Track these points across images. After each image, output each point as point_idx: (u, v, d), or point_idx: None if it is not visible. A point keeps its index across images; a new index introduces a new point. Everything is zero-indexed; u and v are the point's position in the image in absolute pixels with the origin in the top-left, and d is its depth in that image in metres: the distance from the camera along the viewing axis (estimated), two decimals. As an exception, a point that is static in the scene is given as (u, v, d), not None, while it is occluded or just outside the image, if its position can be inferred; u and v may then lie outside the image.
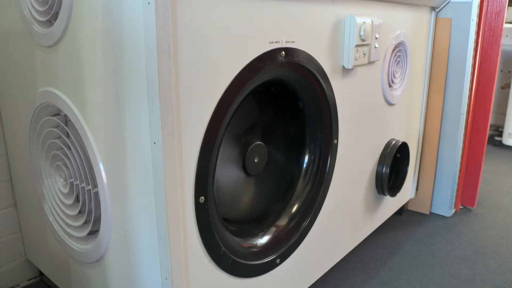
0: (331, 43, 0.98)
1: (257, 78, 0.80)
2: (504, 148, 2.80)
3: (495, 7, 1.61)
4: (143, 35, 0.64)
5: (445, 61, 1.60)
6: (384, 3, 1.16)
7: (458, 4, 1.53)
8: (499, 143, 2.88)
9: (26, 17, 0.91)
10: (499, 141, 2.89)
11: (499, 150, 2.76)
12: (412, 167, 1.66)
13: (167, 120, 0.66)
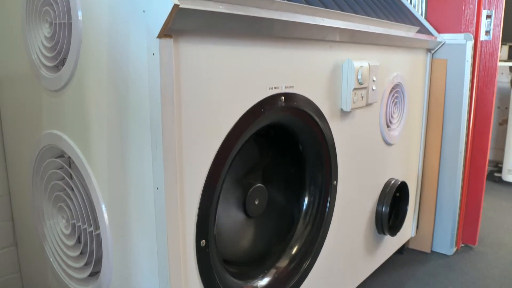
0: (329, 87, 1.01)
1: (257, 123, 0.82)
2: (504, 184, 2.81)
3: (488, 48, 1.65)
4: (147, 84, 0.66)
5: (442, 101, 1.63)
6: (381, 46, 1.19)
7: (453, 46, 1.58)
8: (499, 179, 2.88)
9: (34, 62, 0.94)
10: (498, 177, 2.90)
11: (499, 186, 2.77)
12: (412, 205, 1.66)
13: (170, 167, 0.67)
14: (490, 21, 1.64)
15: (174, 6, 0.59)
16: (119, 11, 0.70)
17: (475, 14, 1.59)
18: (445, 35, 1.58)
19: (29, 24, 0.95)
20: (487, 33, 1.64)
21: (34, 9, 0.93)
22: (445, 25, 1.62)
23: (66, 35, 0.85)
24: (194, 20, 0.65)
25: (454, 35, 1.58)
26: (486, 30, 1.64)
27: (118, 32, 0.71)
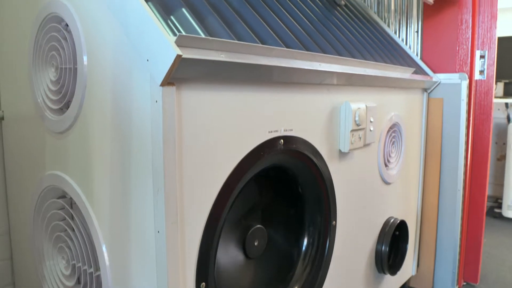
0: (327, 129, 1.03)
1: (257, 166, 0.84)
2: (504, 220, 2.80)
3: (483, 87, 1.69)
4: (150, 129, 0.68)
5: (439, 139, 1.65)
6: (377, 87, 1.22)
7: (448, 86, 1.61)
8: (499, 215, 2.88)
9: (40, 104, 0.96)
10: (499, 213, 2.89)
11: (499, 222, 2.76)
12: (412, 244, 1.66)
13: (171, 211, 0.68)
14: (484, 61, 1.68)
15: (177, 56, 0.62)
16: (124, 59, 0.72)
17: (469, 55, 1.64)
18: (441, 75, 1.62)
19: (36, 67, 0.98)
20: (481, 73, 1.68)
21: (41, 53, 0.96)
22: (440, 65, 1.66)
23: (71, 79, 0.88)
24: (196, 69, 0.67)
25: (449, 75, 1.61)
26: (480, 69, 1.68)
27: (122, 79, 0.73)
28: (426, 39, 1.70)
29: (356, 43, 1.23)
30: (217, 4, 0.87)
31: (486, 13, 1.65)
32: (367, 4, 1.77)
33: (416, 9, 1.71)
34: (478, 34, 1.67)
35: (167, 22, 0.72)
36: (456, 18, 1.64)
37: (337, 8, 1.39)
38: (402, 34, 1.72)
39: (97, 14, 0.78)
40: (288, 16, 1.05)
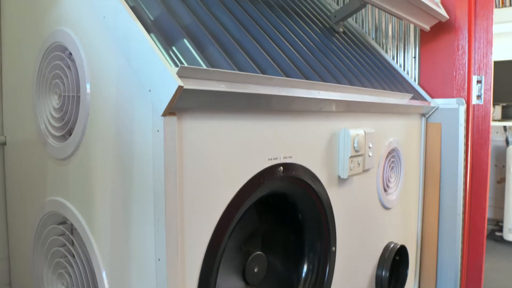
0: (326, 155, 1.04)
1: (257, 193, 0.85)
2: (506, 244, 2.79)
3: (481, 111, 1.70)
4: (151, 158, 0.69)
5: (438, 164, 1.66)
6: (376, 113, 1.24)
7: (446, 111, 1.63)
8: (500, 238, 2.87)
9: (42, 130, 0.98)
10: (500, 237, 2.88)
11: (500, 246, 2.75)
12: (413, 268, 1.65)
13: (172, 239, 0.69)
14: (481, 86, 1.70)
15: (178, 87, 0.63)
16: (126, 88, 0.74)
17: (466, 80, 1.66)
18: (438, 100, 1.64)
19: (39, 94, 0.99)
20: (479, 97, 1.70)
21: (45, 81, 0.98)
22: (437, 90, 1.68)
23: (74, 107, 0.89)
24: (197, 99, 0.69)
25: (447, 100, 1.63)
26: (478, 94, 1.70)
27: (124, 108, 0.75)
28: (423, 64, 1.72)
29: (354, 70, 1.25)
30: (218, 34, 0.89)
31: (482, 39, 1.68)
32: (365, 31, 1.81)
33: (413, 35, 1.74)
34: (474, 59, 1.69)
35: (168, 53, 0.74)
36: (452, 44, 1.67)
37: (335, 35, 1.42)
38: (400, 59, 1.75)
39: (100, 44, 0.80)
40: (288, 44, 1.07)
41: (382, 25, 1.79)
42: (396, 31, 1.77)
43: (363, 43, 1.62)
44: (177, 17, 0.85)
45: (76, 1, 0.87)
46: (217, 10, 0.98)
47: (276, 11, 1.22)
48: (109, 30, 0.77)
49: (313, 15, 1.45)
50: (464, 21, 1.65)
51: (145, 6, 0.82)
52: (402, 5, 1.29)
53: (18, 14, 1.06)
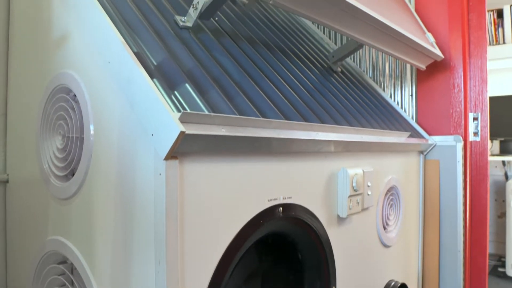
0: (325, 195, 1.05)
1: (257, 234, 0.85)
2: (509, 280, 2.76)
3: (478, 148, 1.72)
4: (153, 200, 0.71)
5: (437, 201, 1.67)
6: (374, 152, 1.26)
7: (444, 148, 1.65)
8: (503, 274, 2.84)
9: (45, 170, 0.99)
10: (503, 273, 2.85)
11: (504, 282, 2.72)
12: (414, 306, 1.63)
13: (172, 281, 0.69)
14: (477, 123, 1.73)
15: (180, 132, 0.65)
16: (129, 131, 0.76)
17: (463, 117, 1.68)
18: (436, 137, 1.66)
19: (43, 134, 1.01)
20: (476, 134, 1.73)
21: (49, 122, 1.00)
22: (435, 127, 1.71)
23: (77, 148, 0.91)
24: (198, 143, 0.71)
25: (444, 137, 1.66)
26: (474, 131, 1.72)
27: (127, 150, 0.76)
28: (420, 102, 1.75)
29: (352, 109, 1.28)
30: (219, 77, 0.92)
31: (477, 77, 1.72)
32: (362, 69, 1.85)
33: (410, 73, 1.78)
34: (470, 97, 1.73)
35: (171, 97, 0.76)
36: (448, 82, 1.70)
37: (333, 74, 1.45)
38: (397, 97, 1.78)
39: (104, 87, 0.82)
40: (287, 86, 1.10)
41: (379, 64, 1.83)
42: (393, 70, 1.81)
43: (361, 82, 1.65)
44: (180, 62, 0.88)
45: (81, 45, 0.90)
46: (218, 53, 1.01)
47: (276, 53, 1.26)
48: (113, 74, 0.80)
49: (312, 55, 1.48)
50: (459, 60, 1.69)
51: (148, 51, 0.85)
52: (398, 46, 1.32)
53: (25, 55, 1.09)
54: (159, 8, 1.04)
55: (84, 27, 0.89)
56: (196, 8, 0.99)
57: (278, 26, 1.53)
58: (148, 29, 0.91)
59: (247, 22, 1.35)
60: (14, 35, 1.15)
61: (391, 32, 1.19)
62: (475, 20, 1.74)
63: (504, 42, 2.99)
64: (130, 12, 0.93)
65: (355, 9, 0.99)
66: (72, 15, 0.93)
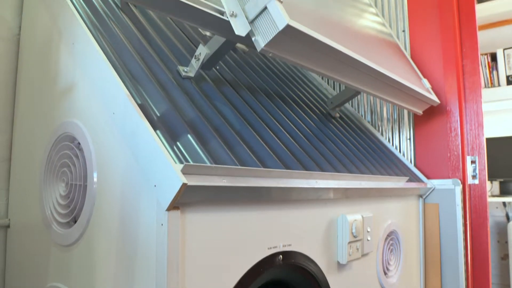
0: (325, 242, 1.06)
1: (256, 283, 0.86)
2: (514, 325, 2.70)
3: (477, 191, 1.73)
4: (155, 250, 0.71)
5: (437, 245, 1.66)
6: (373, 198, 1.27)
7: (443, 191, 1.66)
8: (508, 319, 2.78)
9: (48, 216, 1.00)
10: (507, 317, 2.80)
11: (508, 327, 2.66)
12: None
13: (172, 333, 0.69)
14: (475, 166, 1.74)
15: (182, 184, 0.67)
16: (132, 181, 0.77)
17: (460, 161, 1.70)
18: (435, 181, 1.68)
19: (46, 181, 1.03)
20: (474, 177, 1.74)
21: (53, 169, 1.02)
22: (433, 171, 1.73)
23: (80, 195, 0.93)
24: (200, 194, 0.72)
25: (443, 181, 1.67)
26: (472, 174, 1.74)
27: (130, 199, 0.78)
28: (418, 145, 1.78)
29: (350, 155, 1.30)
30: (220, 127, 0.94)
31: (473, 121, 1.75)
32: (360, 114, 1.88)
33: (407, 117, 1.81)
34: (467, 140, 1.75)
35: (173, 149, 0.79)
36: (445, 126, 1.73)
37: (332, 120, 1.48)
38: (395, 141, 1.81)
39: (109, 137, 0.85)
40: (286, 134, 1.12)
41: (377, 108, 1.87)
42: (390, 114, 1.84)
43: (359, 127, 1.68)
44: (182, 112, 0.91)
45: (87, 96, 0.93)
46: (219, 102, 1.04)
47: (275, 100, 1.29)
48: (118, 125, 0.82)
49: (310, 101, 1.52)
50: (455, 105, 1.72)
51: (152, 103, 0.88)
52: (395, 93, 1.36)
53: (32, 102, 1.13)
54: (162, 58, 1.08)
55: (90, 78, 0.92)
56: (198, 59, 1.03)
57: (277, 73, 1.57)
58: (152, 80, 0.95)
59: (247, 69, 1.39)
60: (21, 82, 1.19)
61: (388, 80, 1.23)
62: (469, 66, 1.79)
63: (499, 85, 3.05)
64: (134, 63, 0.97)
65: (352, 59, 1.03)
66: (79, 65, 0.96)
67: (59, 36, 1.04)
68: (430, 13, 1.81)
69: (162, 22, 1.29)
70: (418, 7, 1.85)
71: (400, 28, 1.87)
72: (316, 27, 0.96)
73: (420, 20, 1.83)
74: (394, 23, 1.89)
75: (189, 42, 1.27)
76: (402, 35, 1.86)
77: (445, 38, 1.77)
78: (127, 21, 1.15)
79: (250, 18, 0.87)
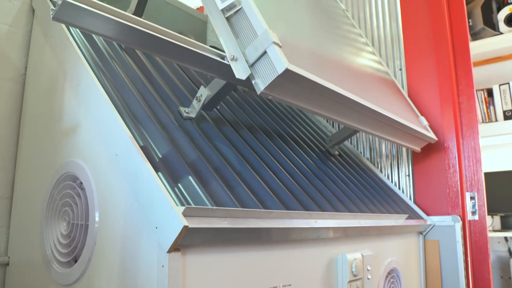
0: (325, 281, 1.06)
1: (256, 325, 0.85)
2: None
3: (477, 227, 1.73)
4: (155, 292, 0.72)
5: (438, 282, 1.65)
6: (373, 235, 1.27)
7: (443, 228, 1.66)
8: None
9: (48, 255, 1.00)
10: None
11: None
12: None
13: None
14: (475, 202, 1.75)
15: (184, 227, 0.68)
16: (134, 222, 0.78)
17: (460, 197, 1.71)
18: (434, 218, 1.68)
19: (48, 220, 1.04)
20: (474, 213, 1.74)
21: (55, 207, 1.03)
22: (433, 207, 1.73)
23: (82, 235, 0.93)
24: (201, 236, 0.73)
25: (443, 217, 1.67)
26: (472, 210, 1.74)
27: (131, 240, 0.79)
28: (417, 182, 1.79)
29: (350, 193, 1.31)
30: (220, 168, 0.96)
31: (471, 157, 1.77)
32: (359, 151, 1.90)
33: (405, 154, 1.83)
34: (466, 177, 1.76)
35: (174, 190, 0.80)
36: (443, 163, 1.75)
37: (331, 158, 1.50)
38: (395, 177, 1.82)
39: (111, 178, 0.86)
40: (286, 173, 1.14)
41: (376, 145, 1.89)
42: (389, 150, 1.86)
43: (358, 164, 1.70)
44: (183, 153, 0.93)
45: (90, 136, 0.95)
46: (220, 142, 1.06)
47: (275, 139, 1.31)
48: (120, 167, 0.84)
49: (309, 139, 1.54)
50: (453, 141, 1.75)
51: (154, 144, 0.89)
52: (393, 132, 1.38)
53: (35, 141, 1.15)
54: (164, 98, 1.10)
55: (94, 119, 0.94)
56: (199, 100, 1.05)
57: (276, 111, 1.60)
58: (154, 121, 0.97)
59: (247, 108, 1.41)
60: (25, 121, 1.21)
61: (386, 119, 1.26)
62: (465, 103, 1.82)
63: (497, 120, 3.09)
64: (137, 104, 1.00)
65: (350, 100, 1.06)
66: (83, 106, 0.99)
67: (64, 77, 1.07)
68: (426, 51, 1.86)
69: (164, 62, 1.32)
70: (414, 46, 1.89)
71: (397, 66, 1.91)
72: (314, 69, 0.99)
73: (416, 58, 1.88)
74: (391, 62, 1.93)
75: (190, 82, 1.31)
76: (399, 73, 1.90)
77: (441, 76, 1.81)
78: (130, 62, 1.18)
79: (250, 61, 0.89)
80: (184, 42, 0.86)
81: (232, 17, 0.95)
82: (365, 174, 1.63)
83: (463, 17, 1.89)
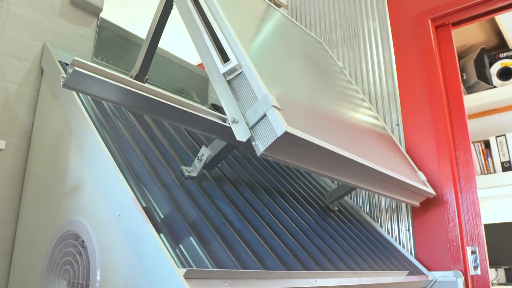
0: None
1: None
2: None
3: (480, 282, 1.71)
4: None
5: None
6: None
7: (445, 283, 1.64)
8: None
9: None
10: None
11: None
12: None
13: None
14: (476, 256, 1.74)
15: None
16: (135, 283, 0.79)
17: (461, 251, 1.70)
18: (436, 273, 1.67)
19: (48, 277, 1.04)
20: (476, 268, 1.73)
21: (55, 266, 1.03)
22: (434, 262, 1.72)
23: (82, 295, 0.93)
24: (201, 298, 0.74)
25: (444, 273, 1.66)
26: (474, 265, 1.73)
27: (132, 303, 0.79)
28: (418, 236, 1.79)
29: (350, 250, 1.31)
30: (221, 227, 0.97)
31: (470, 211, 1.77)
32: (359, 205, 1.91)
33: (405, 208, 1.84)
34: (466, 231, 1.77)
35: (176, 252, 0.81)
36: (443, 217, 1.75)
37: (330, 214, 1.51)
38: (395, 232, 1.82)
39: (113, 238, 0.87)
40: (286, 232, 1.15)
41: (375, 200, 1.91)
42: (389, 204, 1.87)
43: (358, 219, 1.70)
44: (184, 213, 0.94)
45: (93, 196, 0.97)
46: (220, 201, 1.08)
47: (274, 196, 1.33)
48: (122, 227, 0.85)
49: (309, 195, 1.56)
50: (451, 195, 1.76)
51: (156, 204, 0.91)
52: (391, 188, 1.40)
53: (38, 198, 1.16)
54: (166, 157, 1.13)
55: (98, 179, 0.96)
56: (200, 160, 1.08)
57: (275, 167, 1.62)
58: (156, 181, 0.99)
59: (247, 165, 1.44)
60: (29, 177, 1.23)
61: (384, 176, 1.28)
62: (462, 157, 1.85)
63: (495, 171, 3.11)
64: (140, 164, 1.02)
65: (348, 160, 1.08)
66: (87, 166, 1.01)
67: (70, 136, 1.10)
68: (421, 106, 1.91)
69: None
70: (410, 101, 1.95)
71: (394, 121, 1.95)
72: (312, 129, 1.02)
73: (412, 113, 1.93)
74: (388, 117, 1.98)
75: (192, 141, 1.34)
76: (397, 128, 1.94)
77: (437, 131, 1.85)
78: (134, 121, 1.22)
79: (250, 124, 0.93)
80: (186, 105, 0.90)
81: (233, 80, 0.99)
82: (365, 229, 1.63)
83: (456, 74, 1.95)
